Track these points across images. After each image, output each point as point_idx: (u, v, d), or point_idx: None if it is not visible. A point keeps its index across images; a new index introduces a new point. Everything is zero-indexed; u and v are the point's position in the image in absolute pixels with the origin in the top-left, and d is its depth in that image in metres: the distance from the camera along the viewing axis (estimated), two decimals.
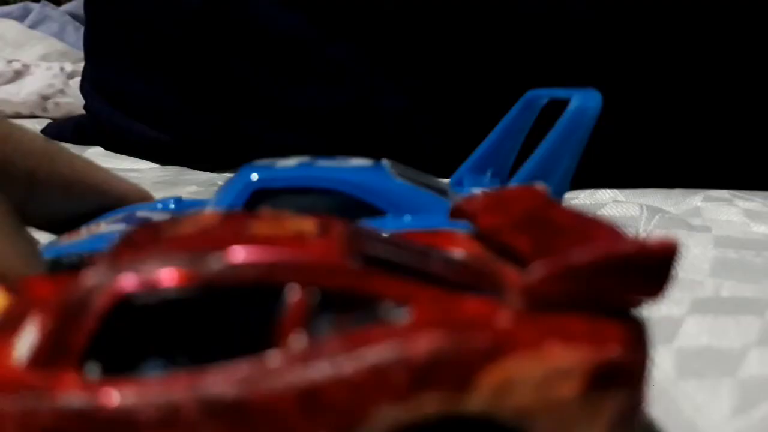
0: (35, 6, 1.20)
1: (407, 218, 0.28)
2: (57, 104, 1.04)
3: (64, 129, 0.84)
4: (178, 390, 0.15)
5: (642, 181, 0.60)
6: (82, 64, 0.86)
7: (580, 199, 0.56)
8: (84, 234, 0.30)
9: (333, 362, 0.15)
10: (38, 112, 1.04)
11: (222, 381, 0.15)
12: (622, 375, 0.16)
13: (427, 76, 0.63)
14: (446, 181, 0.37)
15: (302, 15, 0.65)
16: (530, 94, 0.36)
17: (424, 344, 0.16)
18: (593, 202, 0.54)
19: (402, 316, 0.16)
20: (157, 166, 0.73)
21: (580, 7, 0.59)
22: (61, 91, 1.05)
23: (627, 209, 0.51)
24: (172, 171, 0.71)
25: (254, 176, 0.29)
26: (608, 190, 0.58)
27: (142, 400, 0.15)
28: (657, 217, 0.49)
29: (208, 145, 0.72)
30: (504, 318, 0.16)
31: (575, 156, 0.29)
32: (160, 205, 0.35)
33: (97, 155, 0.78)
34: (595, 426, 0.16)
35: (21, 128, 0.33)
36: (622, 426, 0.16)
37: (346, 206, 0.29)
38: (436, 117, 0.64)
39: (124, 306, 0.16)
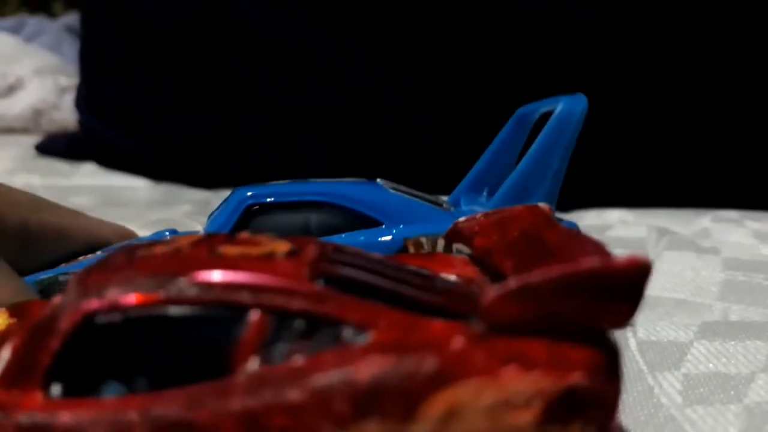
0: (31, 20, 1.19)
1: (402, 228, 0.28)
2: (51, 119, 1.03)
3: (57, 144, 0.83)
4: (131, 410, 0.15)
5: (651, 200, 0.59)
6: (77, 79, 0.85)
7: (588, 219, 0.54)
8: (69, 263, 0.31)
9: (280, 387, 0.15)
10: (31, 127, 1.02)
11: (172, 402, 0.15)
12: (586, 404, 0.15)
13: (427, 76, 0.63)
14: (444, 198, 0.36)
15: (302, 16, 0.64)
16: (521, 110, 0.35)
17: (368, 370, 0.15)
18: (601, 223, 0.52)
19: (362, 339, 0.16)
20: (151, 183, 0.72)
21: (586, 14, 0.58)
22: (55, 106, 1.04)
23: (635, 231, 0.49)
24: (164, 189, 0.69)
25: (247, 192, 0.29)
26: (616, 210, 0.57)
27: (96, 420, 0.15)
28: (665, 238, 0.47)
29: (207, 148, 0.71)
30: (458, 342, 0.15)
31: (563, 160, 0.29)
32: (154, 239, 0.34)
33: (91, 171, 0.77)
34: None
35: (4, 184, 0.34)
36: None
37: (341, 219, 0.28)
38: (436, 117, 0.63)
39: (87, 326, 0.16)
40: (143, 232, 0.38)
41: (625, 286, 0.15)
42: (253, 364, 0.15)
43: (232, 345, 0.15)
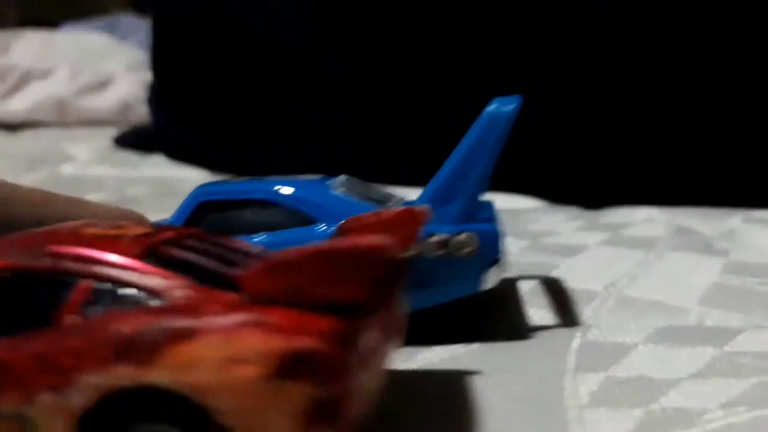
0: (124, 18, 1.27)
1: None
2: (138, 113, 1.09)
3: (131, 137, 0.88)
4: None
5: (686, 199, 0.57)
6: None
7: (615, 217, 0.53)
8: None
9: (73, 336, 0.18)
10: (120, 120, 1.09)
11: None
12: (315, 366, 0.17)
13: (429, 96, 0.63)
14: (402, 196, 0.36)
15: (312, 36, 0.67)
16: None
17: (130, 325, 0.18)
18: (623, 221, 0.51)
19: (156, 303, 0.19)
20: (208, 174, 0.76)
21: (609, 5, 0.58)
22: (143, 100, 1.10)
23: (652, 230, 0.48)
24: (218, 179, 0.73)
25: (200, 190, 0.31)
26: (647, 208, 0.56)
27: None
28: (680, 239, 0.46)
29: (259, 140, 0.74)
30: (213, 308, 0.17)
31: (490, 158, 0.29)
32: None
33: (158, 163, 0.82)
34: (285, 412, 0.17)
35: (13, 183, 0.36)
36: (322, 418, 0.17)
37: (281, 217, 0.30)
38: (437, 134, 0.64)
39: None
40: None
41: (362, 264, 0.17)
42: (71, 320, 0.19)
43: (60, 304, 0.19)
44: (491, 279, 0.30)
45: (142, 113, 1.09)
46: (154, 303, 0.19)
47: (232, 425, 0.17)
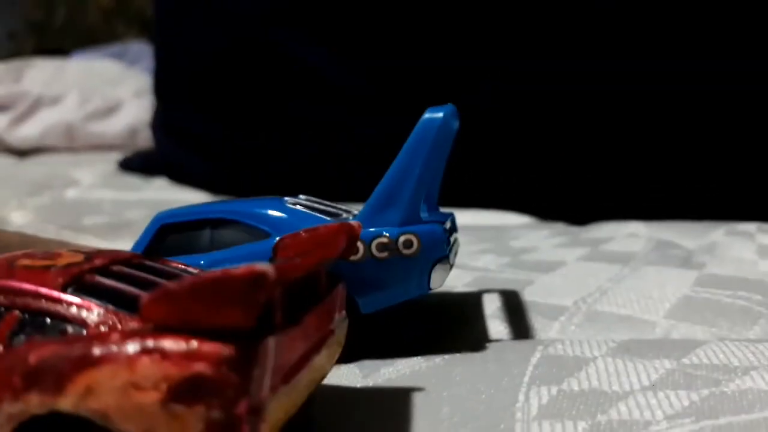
0: (133, 46, 1.29)
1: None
2: (145, 138, 1.11)
3: (135, 161, 0.90)
4: None
5: (672, 213, 0.58)
6: None
7: (599, 232, 0.54)
8: None
9: None
10: (128, 144, 1.11)
11: None
12: (209, 390, 0.17)
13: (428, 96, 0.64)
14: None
15: (326, 46, 0.68)
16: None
17: (38, 353, 0.18)
18: (605, 236, 0.52)
19: (78, 332, 0.20)
20: (209, 196, 0.77)
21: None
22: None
23: (632, 245, 0.49)
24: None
25: (160, 214, 0.32)
26: (633, 223, 0.56)
27: None
28: (658, 252, 0.46)
29: (260, 165, 0.76)
30: (114, 336, 0.18)
31: (427, 163, 0.30)
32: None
33: (160, 186, 0.84)
34: None
35: None
36: None
37: (236, 233, 0.31)
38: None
39: None
40: None
41: (241, 292, 0.17)
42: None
43: None
44: (437, 279, 0.31)
45: (148, 138, 1.11)
46: (72, 331, 0.20)
47: None
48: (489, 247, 0.49)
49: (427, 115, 0.30)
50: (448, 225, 0.33)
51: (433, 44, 0.63)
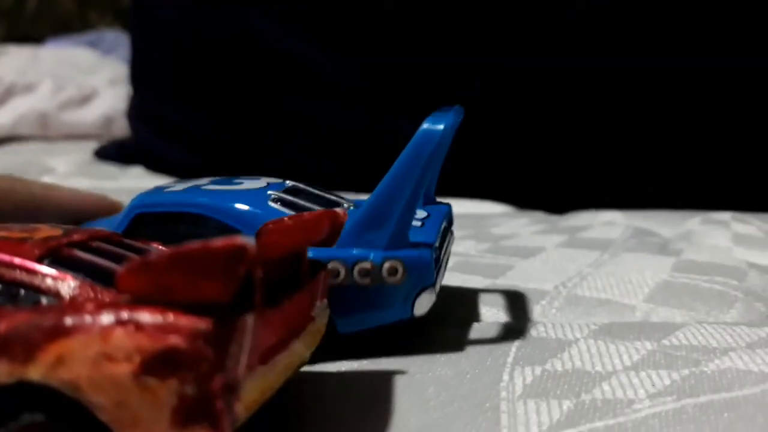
0: (109, 34, 1.28)
1: None
2: (121, 127, 1.10)
3: (111, 150, 0.89)
4: None
5: (649, 201, 0.58)
6: None
7: (575, 221, 0.54)
8: None
9: None
10: (103, 134, 1.10)
11: None
12: (182, 364, 0.17)
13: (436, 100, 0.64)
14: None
15: (316, 41, 0.67)
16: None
17: (8, 323, 0.18)
18: (582, 224, 0.52)
19: (50, 302, 0.20)
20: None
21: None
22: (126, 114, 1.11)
23: (609, 232, 0.49)
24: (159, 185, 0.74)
25: (137, 201, 0.31)
26: (610, 212, 0.57)
27: None
28: (635, 240, 0.47)
29: (239, 154, 0.75)
30: (88, 306, 0.18)
31: (422, 177, 0.28)
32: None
33: (137, 175, 0.83)
34: (155, 408, 0.17)
35: None
36: (195, 415, 0.17)
37: (210, 231, 0.29)
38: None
39: None
40: None
41: (219, 264, 0.17)
42: None
43: None
44: (422, 305, 0.29)
45: (124, 127, 1.10)
46: (46, 302, 0.19)
47: (108, 420, 0.18)
48: (469, 234, 0.49)
49: (426, 126, 0.27)
50: (438, 242, 0.31)
51: (427, 41, 0.64)
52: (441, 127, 0.27)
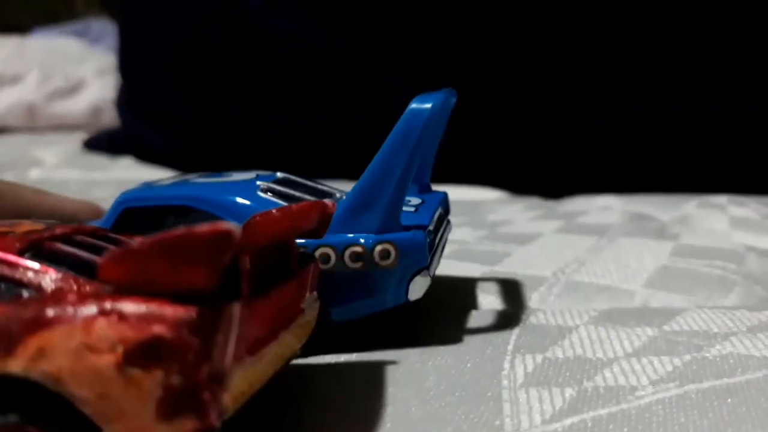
0: (96, 23, 1.26)
1: None
2: (109, 117, 1.09)
3: (101, 140, 0.88)
4: None
5: (647, 186, 0.58)
6: None
7: (573, 206, 0.54)
8: None
9: None
10: (92, 124, 1.09)
11: None
12: (167, 354, 0.16)
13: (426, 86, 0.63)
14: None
15: (322, 28, 0.66)
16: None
17: None
18: (579, 209, 0.52)
19: (31, 295, 0.19)
20: (178, 173, 0.76)
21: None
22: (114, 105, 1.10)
23: (607, 217, 0.49)
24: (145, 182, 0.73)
25: (124, 196, 0.30)
26: (606, 197, 0.57)
27: None
28: (633, 225, 0.47)
29: (230, 143, 0.74)
30: (70, 297, 0.18)
31: (413, 158, 0.27)
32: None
33: (127, 165, 0.82)
34: (140, 399, 0.17)
35: None
36: (181, 405, 0.17)
37: (205, 221, 0.29)
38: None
39: None
40: None
41: (204, 250, 0.16)
42: None
43: None
44: (417, 289, 0.28)
45: (112, 117, 1.09)
46: (27, 294, 0.19)
47: (91, 413, 0.17)
48: (465, 221, 0.49)
49: (413, 105, 0.27)
50: (432, 226, 0.30)
51: (426, 39, 0.63)
52: (428, 105, 0.27)
